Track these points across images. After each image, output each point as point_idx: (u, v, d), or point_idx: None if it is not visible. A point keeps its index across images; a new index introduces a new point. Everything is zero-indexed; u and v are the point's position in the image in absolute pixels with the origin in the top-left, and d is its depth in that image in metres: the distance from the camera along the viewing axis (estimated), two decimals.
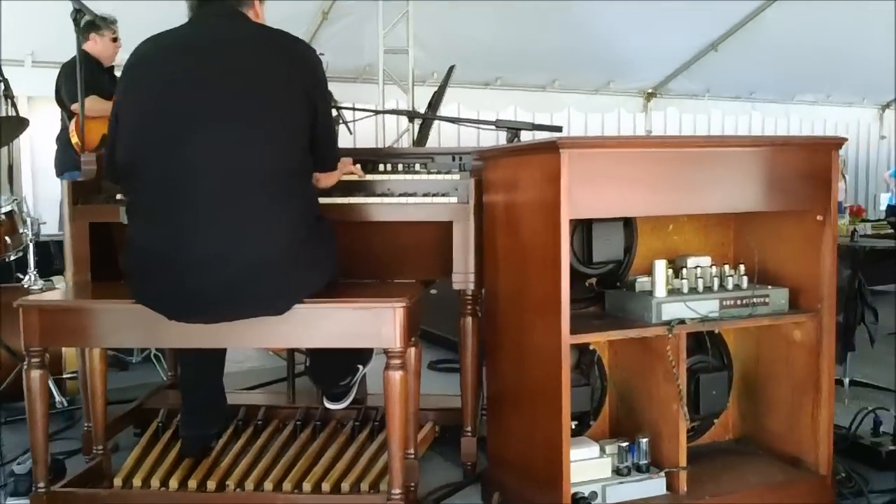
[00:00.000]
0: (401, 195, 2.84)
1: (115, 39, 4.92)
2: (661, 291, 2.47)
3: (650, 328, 2.43)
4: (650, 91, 8.90)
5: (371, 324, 2.27)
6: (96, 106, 4.47)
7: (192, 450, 2.71)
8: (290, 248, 2.20)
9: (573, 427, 2.57)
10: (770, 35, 7.72)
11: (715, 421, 2.89)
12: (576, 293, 2.60)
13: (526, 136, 3.06)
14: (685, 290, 2.52)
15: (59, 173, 4.94)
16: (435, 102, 6.49)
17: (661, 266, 2.48)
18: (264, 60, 2.23)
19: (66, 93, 4.72)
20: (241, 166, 2.15)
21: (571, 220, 2.25)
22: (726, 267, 2.66)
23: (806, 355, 2.63)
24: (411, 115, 3.14)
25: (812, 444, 2.59)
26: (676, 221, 2.82)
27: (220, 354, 2.76)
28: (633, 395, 2.67)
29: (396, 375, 2.29)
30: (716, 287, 2.58)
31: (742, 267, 2.68)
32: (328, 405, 3.00)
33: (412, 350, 2.59)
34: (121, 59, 5.03)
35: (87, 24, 4.72)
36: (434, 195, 2.80)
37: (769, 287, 2.63)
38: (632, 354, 2.63)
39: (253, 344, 2.45)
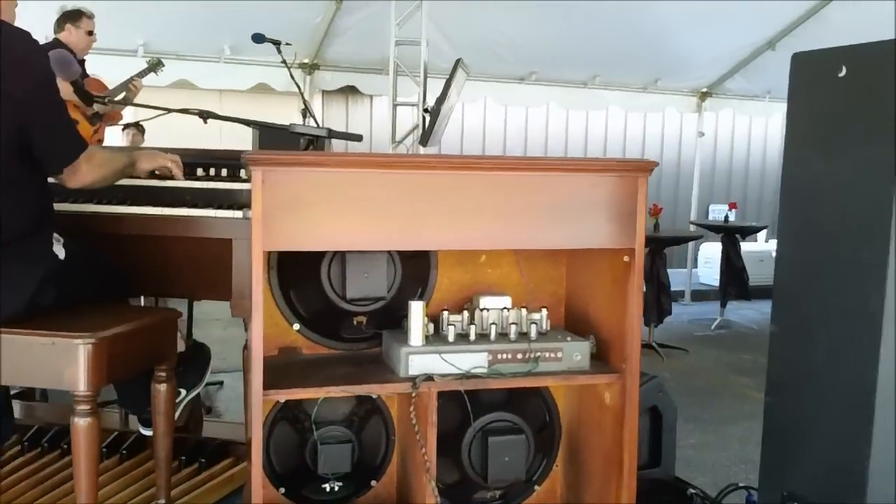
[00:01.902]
0: (205, 206, 2.54)
1: (90, 33, 4.95)
2: (416, 339, 2.07)
3: (393, 384, 2.04)
4: (704, 90, 8.19)
5: (52, 361, 1.99)
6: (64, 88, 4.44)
7: None
8: None
9: (337, 488, 2.23)
10: (831, 33, 6.93)
11: (536, 488, 2.46)
12: (343, 332, 2.27)
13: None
14: (450, 337, 2.10)
15: None
16: (441, 96, 6.18)
17: (417, 309, 2.08)
18: None
19: None
20: None
21: (268, 253, 1.89)
22: (524, 311, 2.23)
23: (612, 422, 2.17)
24: (203, 115, 2.79)
25: None
26: (492, 253, 2.40)
27: None
28: (405, 455, 2.28)
29: (81, 423, 1.99)
30: (512, 334, 2.14)
31: (544, 311, 2.24)
32: (142, 431, 2.76)
33: (162, 387, 2.32)
34: None
35: (64, 14, 4.77)
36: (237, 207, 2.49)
37: (568, 338, 2.18)
38: (405, 409, 2.25)
39: None
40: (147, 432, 2.74)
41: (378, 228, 1.91)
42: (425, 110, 6.38)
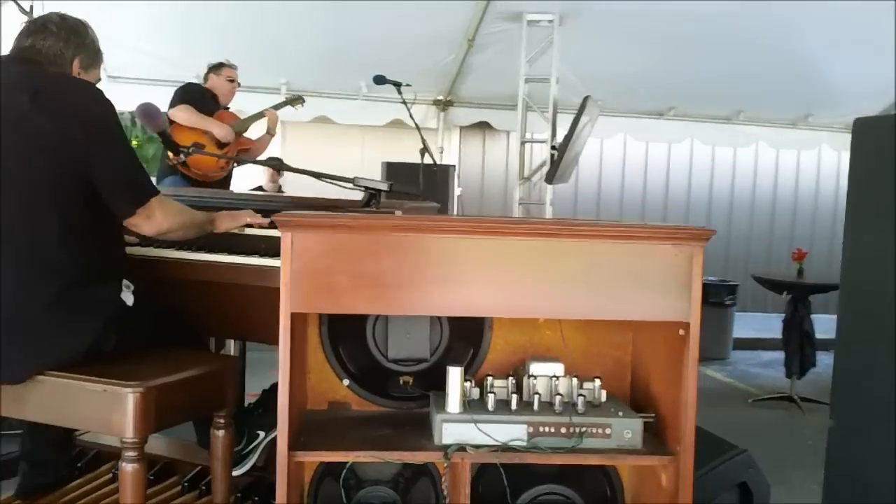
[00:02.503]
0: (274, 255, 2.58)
1: (231, 80, 5.12)
2: (453, 406, 1.99)
3: (424, 452, 1.97)
4: None
5: (102, 407, 2.05)
6: (188, 116, 4.72)
7: (28, 489, 2.65)
8: (25, 313, 2.06)
9: None
10: None
11: None
12: (392, 390, 2.23)
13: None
14: (490, 406, 2.01)
15: (158, 180, 5.20)
16: (569, 134, 6.09)
17: (454, 375, 2.00)
18: (10, 111, 2.10)
19: (171, 100, 5.01)
20: None
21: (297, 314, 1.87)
22: (574, 380, 2.10)
23: None
24: (277, 167, 2.83)
25: None
26: None
27: None
28: None
29: (128, 468, 2.05)
30: (557, 405, 2.03)
31: (597, 382, 2.10)
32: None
33: (220, 433, 2.35)
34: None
35: (210, 66, 5.10)
36: None
37: (620, 413, 2.03)
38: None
39: (5, 412, 2.32)
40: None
41: (410, 294, 1.85)
42: (553, 148, 6.31)
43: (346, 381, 2.26)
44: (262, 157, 5.15)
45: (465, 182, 8.86)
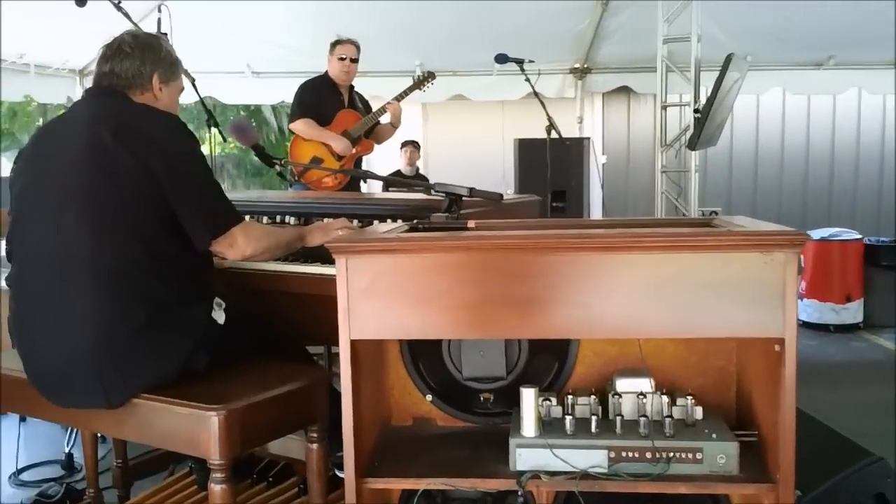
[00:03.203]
0: None
1: (341, 59, 4.91)
2: (528, 430, 1.88)
3: (497, 479, 1.87)
4: None
5: (189, 429, 2.10)
6: (307, 129, 4.80)
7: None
8: (114, 339, 2.13)
9: None
10: None
11: None
12: (474, 405, 2.15)
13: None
14: (569, 428, 1.88)
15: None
16: (711, 96, 5.73)
17: (528, 396, 1.88)
18: (93, 145, 2.16)
19: (291, 110, 5.07)
20: (63, 255, 2.14)
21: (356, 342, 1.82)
22: (664, 398, 1.93)
23: None
24: (361, 175, 2.76)
25: None
26: None
27: None
28: None
29: (216, 489, 2.08)
30: (642, 427, 1.87)
31: (690, 399, 1.92)
32: (337, 472, 2.87)
33: (314, 447, 2.36)
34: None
35: (330, 45, 4.98)
36: None
37: (714, 435, 1.84)
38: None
39: (105, 432, 2.42)
40: (341, 474, 2.82)
41: (476, 316, 1.75)
42: (695, 111, 5.93)
43: (429, 397, 2.20)
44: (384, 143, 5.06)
45: (611, 150, 8.55)
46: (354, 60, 4.97)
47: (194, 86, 4.29)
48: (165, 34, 4.29)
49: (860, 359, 5.60)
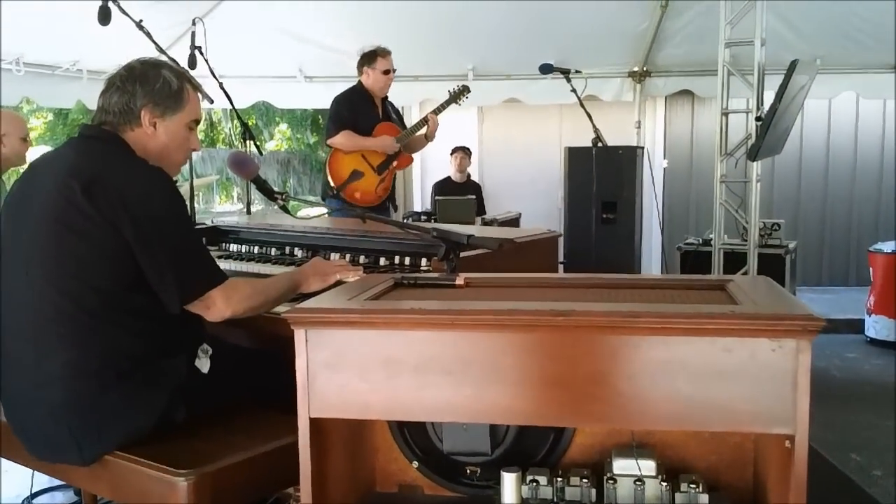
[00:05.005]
0: None
1: (386, 72, 4.82)
2: None
3: None
4: None
5: (159, 493, 1.97)
6: (347, 141, 4.69)
7: None
8: (84, 395, 2.03)
9: None
10: None
11: None
12: (461, 476, 1.98)
13: None
14: None
15: (323, 198, 5.19)
16: (775, 103, 5.39)
17: (509, 481, 1.69)
18: (63, 196, 2.05)
19: (326, 126, 4.97)
20: (34, 308, 2.05)
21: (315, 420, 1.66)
22: (663, 485, 1.71)
23: None
24: (363, 217, 2.59)
25: None
26: None
27: None
28: None
29: None
30: None
31: (694, 488, 1.70)
32: None
33: None
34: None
35: (362, 57, 4.86)
36: None
37: None
38: None
39: (83, 487, 2.32)
40: None
41: (443, 399, 1.57)
42: (757, 118, 5.58)
43: (415, 464, 2.03)
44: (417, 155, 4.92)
45: (673, 155, 8.22)
46: (395, 71, 4.85)
47: (226, 94, 4.21)
48: (199, 47, 4.22)
49: None
